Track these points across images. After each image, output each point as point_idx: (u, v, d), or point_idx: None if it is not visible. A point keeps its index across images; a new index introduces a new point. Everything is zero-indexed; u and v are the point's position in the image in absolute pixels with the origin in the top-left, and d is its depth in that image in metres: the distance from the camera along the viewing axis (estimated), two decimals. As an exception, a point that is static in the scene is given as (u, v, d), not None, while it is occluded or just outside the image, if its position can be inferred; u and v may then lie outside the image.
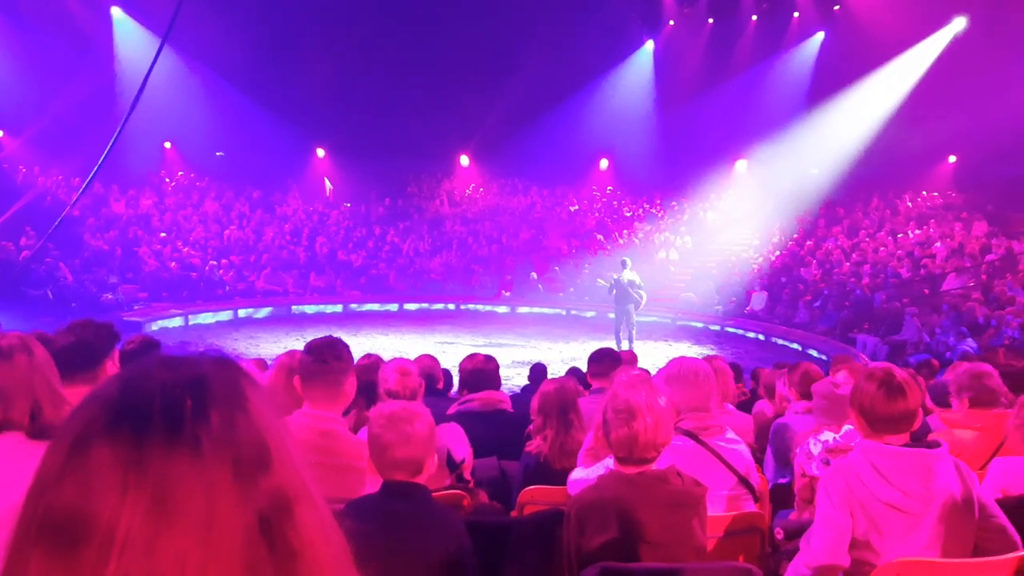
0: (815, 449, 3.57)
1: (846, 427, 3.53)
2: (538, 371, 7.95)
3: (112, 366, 2.94)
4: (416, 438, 2.31)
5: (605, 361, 5.11)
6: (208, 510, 0.67)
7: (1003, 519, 2.59)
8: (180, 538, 0.65)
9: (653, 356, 13.74)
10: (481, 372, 4.51)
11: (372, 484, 2.47)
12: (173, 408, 0.70)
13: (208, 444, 0.69)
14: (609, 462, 2.64)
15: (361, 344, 13.04)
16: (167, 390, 0.71)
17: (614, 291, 14.36)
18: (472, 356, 4.67)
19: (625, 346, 14.03)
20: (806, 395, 4.43)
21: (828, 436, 3.60)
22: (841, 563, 2.53)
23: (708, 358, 5.79)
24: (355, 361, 3.39)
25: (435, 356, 5.68)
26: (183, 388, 0.71)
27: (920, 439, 2.69)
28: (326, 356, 3.03)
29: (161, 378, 0.72)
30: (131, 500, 0.65)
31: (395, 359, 4.08)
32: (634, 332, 14.66)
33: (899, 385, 2.62)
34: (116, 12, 21.81)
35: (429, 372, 5.15)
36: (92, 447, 0.67)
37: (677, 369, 3.09)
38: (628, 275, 14.34)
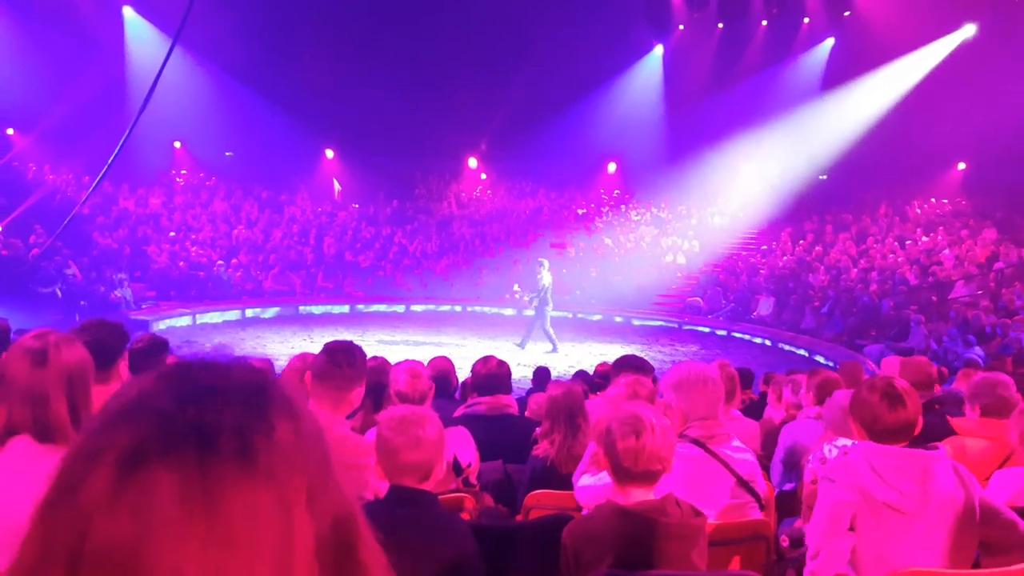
0: (831, 454, 3.55)
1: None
2: (541, 374, 7.99)
3: (124, 367, 2.95)
4: (426, 442, 2.31)
5: (629, 367, 5.08)
6: (283, 536, 0.61)
7: (1011, 514, 2.58)
8: (251, 572, 0.59)
9: (659, 361, 13.73)
10: (495, 376, 4.48)
11: (376, 484, 2.48)
12: (240, 425, 0.62)
13: (281, 465, 0.62)
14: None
15: (367, 344, 13.02)
16: (230, 403, 0.64)
17: (535, 301, 14.34)
18: (486, 360, 4.61)
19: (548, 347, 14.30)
20: (821, 402, 4.41)
21: (846, 441, 3.58)
22: (841, 541, 2.53)
23: (719, 364, 5.77)
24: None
25: (449, 358, 5.63)
26: (245, 400, 0.64)
27: (921, 441, 2.69)
28: (340, 361, 3.04)
29: (218, 388, 0.65)
30: (198, 533, 0.58)
31: (406, 360, 4.07)
32: (542, 331, 14.50)
33: (899, 395, 2.64)
34: (128, 12, 21.95)
35: (444, 375, 5.14)
36: (150, 470, 0.59)
37: (686, 374, 3.07)
38: (548, 278, 14.34)
